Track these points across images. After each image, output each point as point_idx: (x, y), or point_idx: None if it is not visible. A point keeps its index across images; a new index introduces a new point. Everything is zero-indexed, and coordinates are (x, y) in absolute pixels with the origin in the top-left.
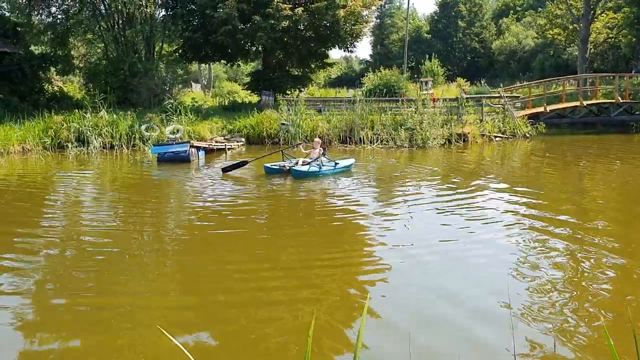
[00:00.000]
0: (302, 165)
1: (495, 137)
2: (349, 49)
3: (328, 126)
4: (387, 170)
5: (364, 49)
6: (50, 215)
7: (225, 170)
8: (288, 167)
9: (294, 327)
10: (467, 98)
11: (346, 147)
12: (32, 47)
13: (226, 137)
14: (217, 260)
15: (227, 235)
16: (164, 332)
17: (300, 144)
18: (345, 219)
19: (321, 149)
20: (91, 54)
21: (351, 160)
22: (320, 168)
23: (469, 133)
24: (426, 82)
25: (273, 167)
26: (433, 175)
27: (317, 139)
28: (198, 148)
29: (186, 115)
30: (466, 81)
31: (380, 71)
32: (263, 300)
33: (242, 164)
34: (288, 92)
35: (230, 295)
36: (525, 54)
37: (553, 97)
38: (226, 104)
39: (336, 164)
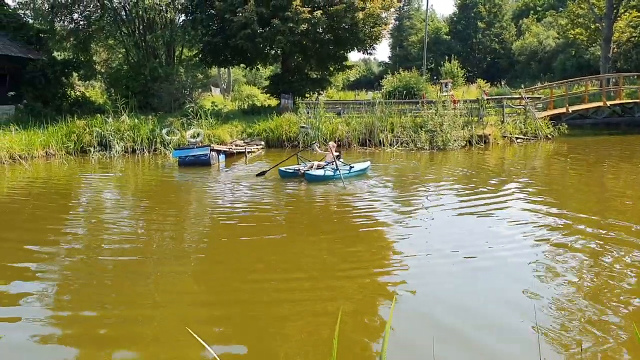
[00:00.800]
0: (317, 169)
1: (517, 138)
2: (368, 51)
3: (347, 129)
4: (408, 172)
5: (382, 51)
6: (73, 220)
7: (259, 175)
8: (303, 171)
9: (315, 337)
10: (487, 99)
11: (366, 149)
12: (55, 53)
13: (246, 140)
14: (238, 265)
15: (247, 240)
16: (193, 334)
17: (315, 143)
18: (364, 224)
19: (336, 152)
20: (112, 59)
21: (367, 163)
22: (334, 172)
23: (490, 134)
24: (446, 84)
25: (288, 170)
26: (454, 177)
27: (331, 143)
28: (218, 152)
29: (206, 119)
30: (486, 82)
31: (400, 73)
32: (286, 302)
33: (265, 171)
34: (307, 95)
35: (254, 297)
36: (546, 55)
37: (575, 97)
38: (245, 107)
39: (351, 167)
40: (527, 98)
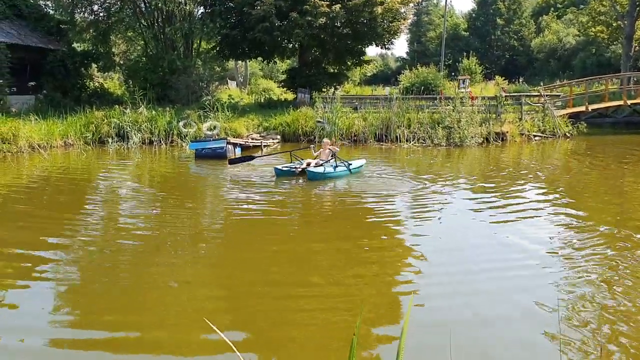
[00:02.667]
0: (316, 166)
1: (535, 136)
2: (386, 46)
3: (364, 124)
4: (424, 169)
5: (400, 47)
6: (91, 209)
7: (231, 162)
8: (300, 169)
9: (327, 331)
10: (506, 96)
11: (382, 145)
12: (75, 44)
13: (262, 134)
14: (251, 258)
15: (260, 233)
16: (210, 323)
17: (312, 146)
18: (378, 222)
19: (330, 149)
20: (131, 51)
21: (362, 161)
22: (335, 169)
23: (507, 132)
24: (464, 80)
25: (284, 169)
26: (470, 174)
27: (325, 140)
28: (235, 145)
29: (223, 112)
30: (504, 79)
31: (417, 69)
32: (298, 296)
33: (249, 158)
34: (324, 89)
35: (267, 290)
36: (565, 52)
37: (595, 96)
38: (262, 101)
39: (349, 164)
40: (546, 96)
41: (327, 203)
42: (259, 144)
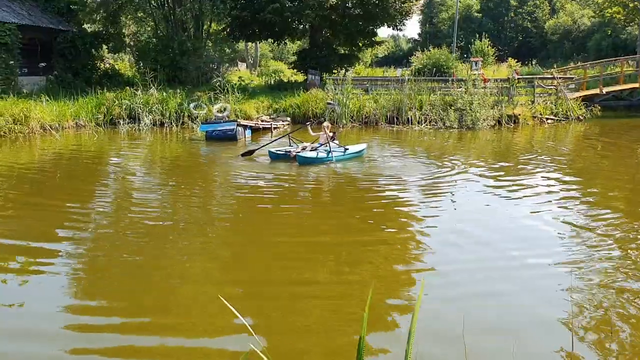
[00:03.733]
0: (310, 150)
1: (547, 119)
2: (398, 27)
3: (375, 106)
4: (436, 151)
5: (412, 28)
6: (103, 190)
7: (244, 155)
8: (294, 153)
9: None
10: (518, 79)
11: (393, 127)
12: (85, 25)
13: (272, 116)
14: (260, 240)
15: (268, 216)
16: (226, 302)
17: (309, 124)
18: (389, 205)
19: (330, 133)
20: (141, 32)
21: (363, 146)
22: (328, 154)
23: (520, 115)
24: (476, 62)
25: (278, 152)
26: (483, 157)
27: (326, 123)
28: (245, 127)
29: (233, 94)
30: (517, 62)
31: (429, 50)
32: (310, 278)
33: (258, 148)
34: (334, 71)
35: (277, 274)
36: (580, 34)
37: (610, 78)
38: (272, 83)
39: (346, 149)
40: (560, 78)
41: (339, 186)
42: (269, 126)
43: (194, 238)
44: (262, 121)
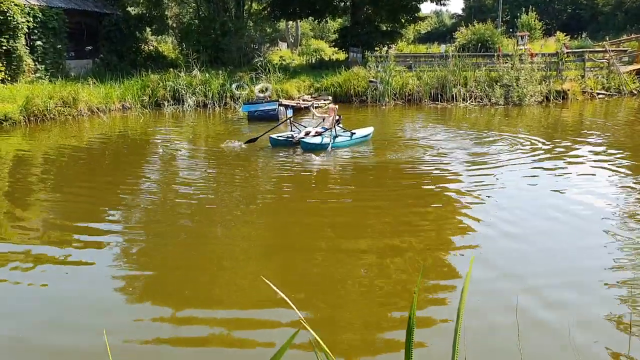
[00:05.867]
0: (314, 136)
1: (598, 94)
2: (442, 2)
3: (418, 83)
4: (481, 128)
5: (456, 3)
6: (149, 170)
7: (248, 142)
8: (297, 139)
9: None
10: (567, 53)
11: (437, 104)
12: (129, 8)
13: (313, 95)
14: (302, 222)
15: (311, 198)
16: (268, 282)
17: (312, 105)
18: (433, 183)
19: (336, 116)
20: (183, 13)
21: (369, 129)
22: (334, 139)
23: (569, 90)
24: (522, 37)
25: (279, 138)
26: (530, 134)
27: (331, 105)
28: (286, 107)
29: (274, 74)
30: (566, 35)
31: (474, 25)
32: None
33: (256, 138)
34: (376, 48)
35: (322, 252)
36: (634, 4)
37: None
38: (313, 62)
39: (352, 133)
40: (612, 51)
41: (378, 165)
42: (311, 105)
43: (238, 217)
44: (303, 100)
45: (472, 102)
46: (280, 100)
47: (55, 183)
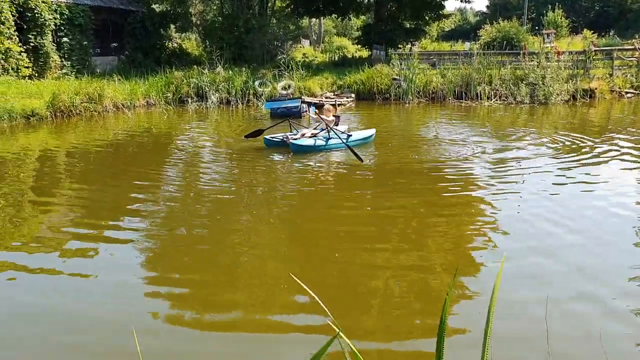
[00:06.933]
0: (309, 137)
1: (627, 93)
2: (466, 0)
3: (442, 81)
4: (506, 127)
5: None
6: (172, 166)
7: (248, 136)
8: (291, 140)
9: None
10: (595, 51)
11: (462, 102)
12: (154, 5)
13: (336, 92)
14: (324, 220)
15: (334, 195)
16: (296, 279)
17: (311, 107)
18: (454, 190)
19: (333, 117)
20: (207, 11)
21: (371, 131)
22: (327, 142)
23: (596, 89)
24: (548, 35)
25: (274, 139)
26: (556, 133)
27: (327, 106)
28: (309, 104)
29: (297, 71)
30: (593, 33)
31: (499, 23)
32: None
33: (259, 132)
34: (400, 45)
35: (348, 253)
36: None
37: None
38: (336, 59)
39: (349, 135)
40: None
41: (402, 165)
42: (333, 102)
43: (258, 214)
44: (326, 98)
45: (496, 100)
46: (302, 97)
47: (80, 177)
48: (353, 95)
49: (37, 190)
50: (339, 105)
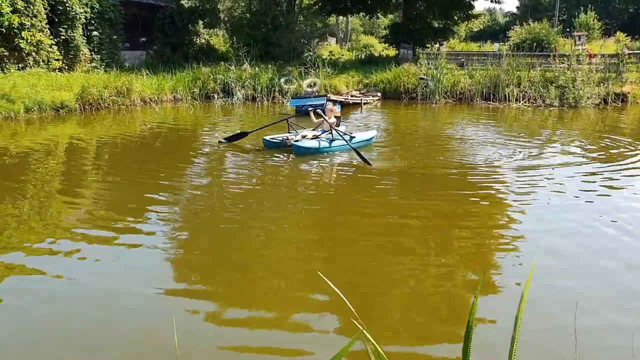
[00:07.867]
0: (311, 138)
1: None
2: (497, 0)
3: (470, 82)
4: (535, 130)
5: (510, 1)
6: (197, 162)
7: (226, 140)
8: (292, 141)
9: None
10: (629, 54)
11: (489, 104)
12: (183, 1)
13: (362, 91)
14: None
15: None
16: (324, 277)
17: (311, 109)
18: (481, 195)
19: (335, 118)
20: (235, 7)
21: (372, 133)
22: (330, 143)
23: (629, 93)
24: (579, 37)
25: (273, 140)
26: (586, 138)
27: (330, 106)
28: (334, 102)
29: (323, 69)
30: (627, 36)
31: (529, 24)
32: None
33: (242, 135)
34: (428, 45)
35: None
36: None
37: None
38: (362, 57)
39: (352, 137)
40: None
41: (422, 169)
42: (359, 101)
43: (282, 214)
44: (351, 96)
45: (525, 102)
46: (328, 95)
47: (106, 172)
48: (379, 94)
49: (61, 183)
50: (365, 103)
